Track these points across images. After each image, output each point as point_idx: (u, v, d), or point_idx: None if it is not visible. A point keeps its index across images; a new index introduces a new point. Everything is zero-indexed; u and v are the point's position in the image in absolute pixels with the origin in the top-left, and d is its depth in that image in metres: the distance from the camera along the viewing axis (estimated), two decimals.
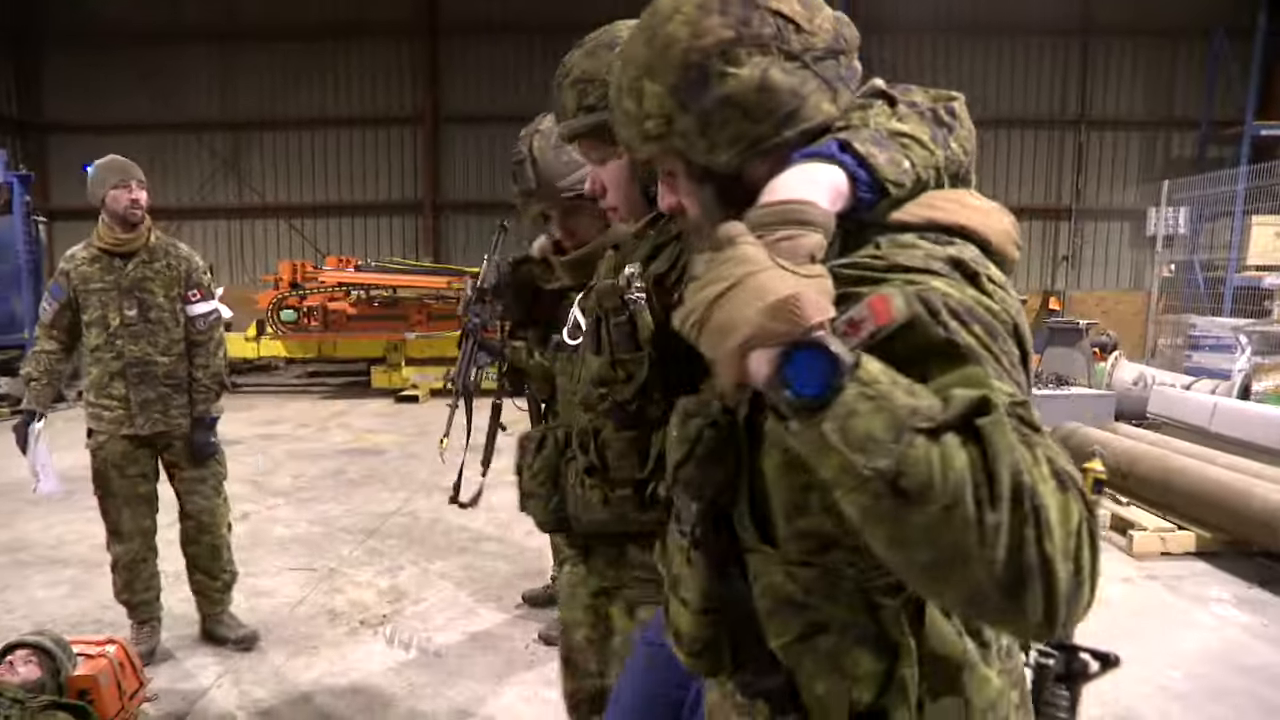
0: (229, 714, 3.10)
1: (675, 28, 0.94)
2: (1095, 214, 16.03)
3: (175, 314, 3.50)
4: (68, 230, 15.58)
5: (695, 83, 0.94)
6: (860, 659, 0.93)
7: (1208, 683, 3.31)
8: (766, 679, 0.98)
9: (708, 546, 1.00)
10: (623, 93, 0.99)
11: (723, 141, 0.95)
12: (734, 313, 0.76)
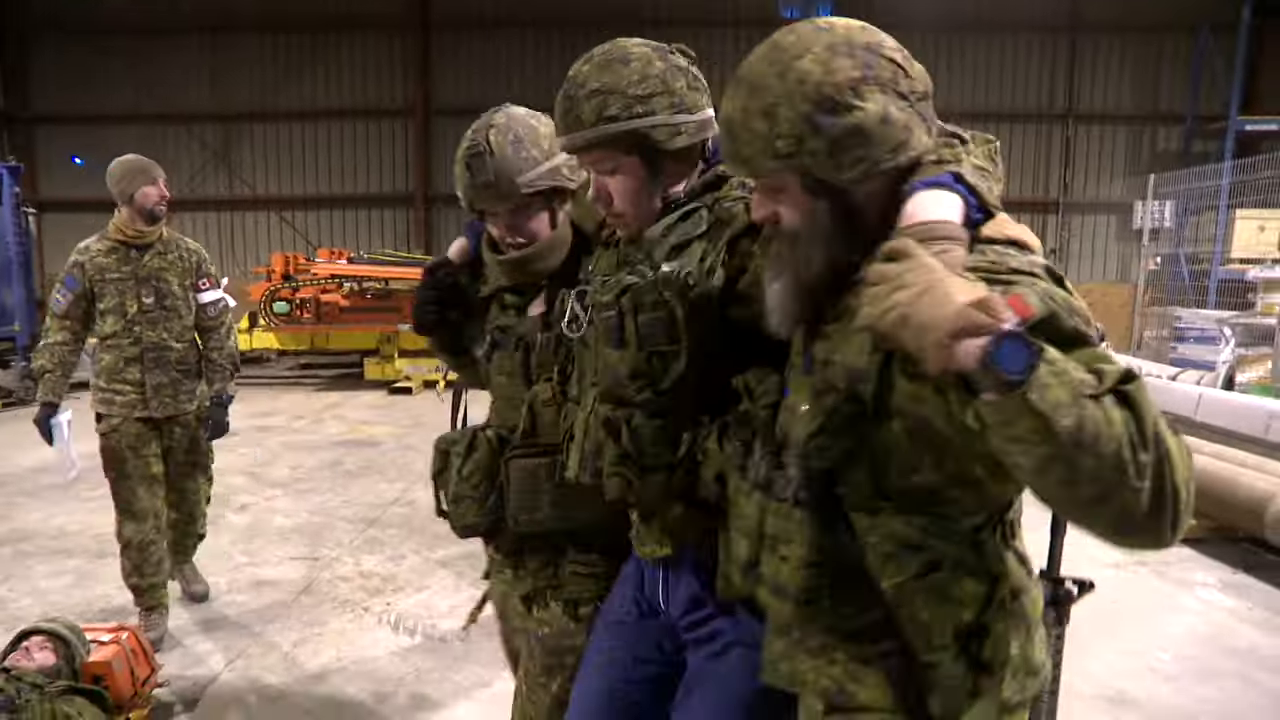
0: (240, 698, 3.15)
1: (808, 64, 1.10)
2: (1082, 207, 16.19)
3: (188, 302, 3.70)
4: (56, 222, 15.50)
5: (828, 112, 1.09)
6: (966, 586, 1.14)
7: (1196, 664, 3.41)
8: (868, 614, 1.15)
9: (818, 506, 1.18)
10: (751, 115, 1.13)
11: (847, 163, 1.11)
12: (935, 311, 0.93)
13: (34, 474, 6.57)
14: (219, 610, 3.96)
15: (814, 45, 1.12)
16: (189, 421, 3.73)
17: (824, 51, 1.11)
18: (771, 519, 1.24)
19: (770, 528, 1.24)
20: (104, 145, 16.33)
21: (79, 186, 16.25)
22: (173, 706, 3.09)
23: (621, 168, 1.47)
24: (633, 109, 1.44)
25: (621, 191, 1.49)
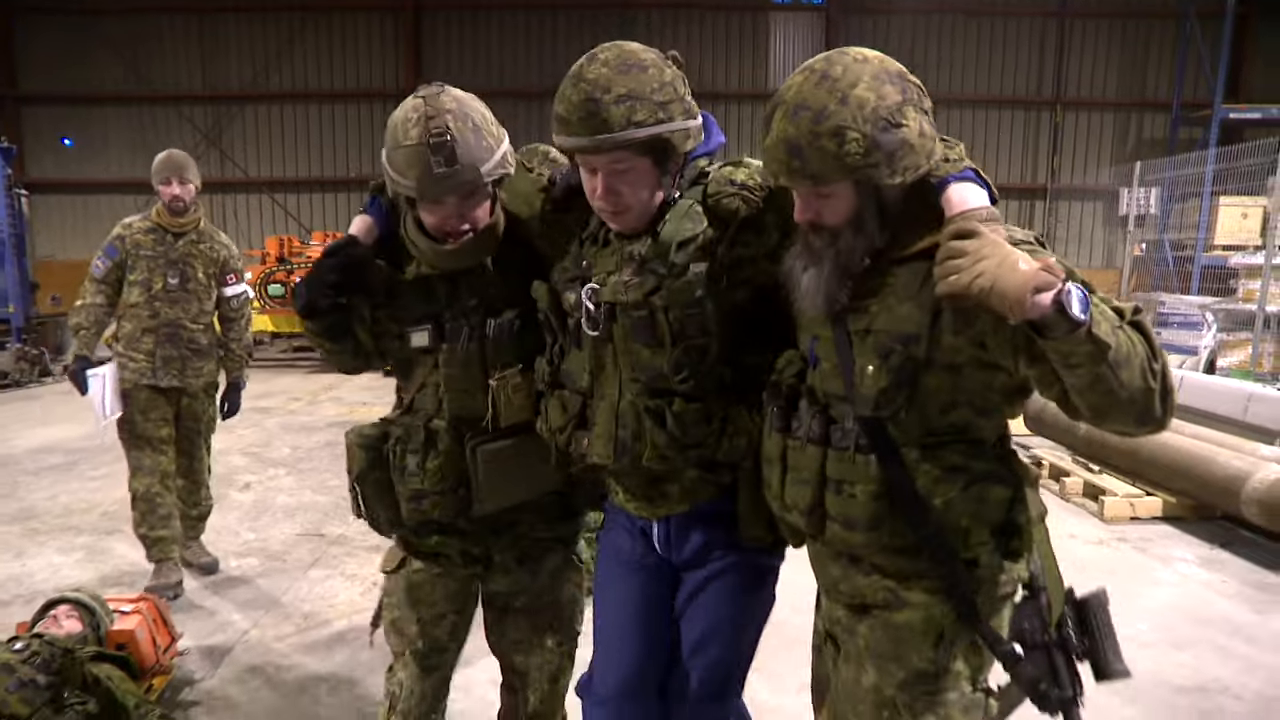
0: (257, 667, 3.26)
1: (863, 92, 1.34)
2: (1070, 194, 16.35)
3: (209, 290, 4.01)
4: (45, 203, 15.44)
5: (884, 130, 1.34)
6: (998, 493, 1.45)
7: (1172, 634, 3.57)
8: (921, 530, 1.43)
9: (878, 449, 1.44)
10: (820, 137, 1.34)
11: (900, 170, 1.37)
12: (1014, 276, 1.21)
13: (35, 454, 6.65)
14: (233, 584, 4.08)
15: (863, 75, 1.35)
16: (196, 393, 4.01)
17: (872, 80, 1.35)
18: (834, 465, 1.48)
19: (833, 473, 1.48)
20: (93, 126, 16.32)
21: (68, 168, 16.20)
22: (193, 674, 3.20)
23: (635, 168, 1.56)
24: (656, 115, 1.53)
25: (633, 191, 1.58)
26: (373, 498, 1.89)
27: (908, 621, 1.48)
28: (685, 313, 1.58)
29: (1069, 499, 5.49)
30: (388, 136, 1.71)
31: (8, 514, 5.15)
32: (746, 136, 15.16)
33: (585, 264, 1.69)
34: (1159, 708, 2.98)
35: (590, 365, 1.69)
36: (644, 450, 1.63)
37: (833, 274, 1.45)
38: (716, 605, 1.74)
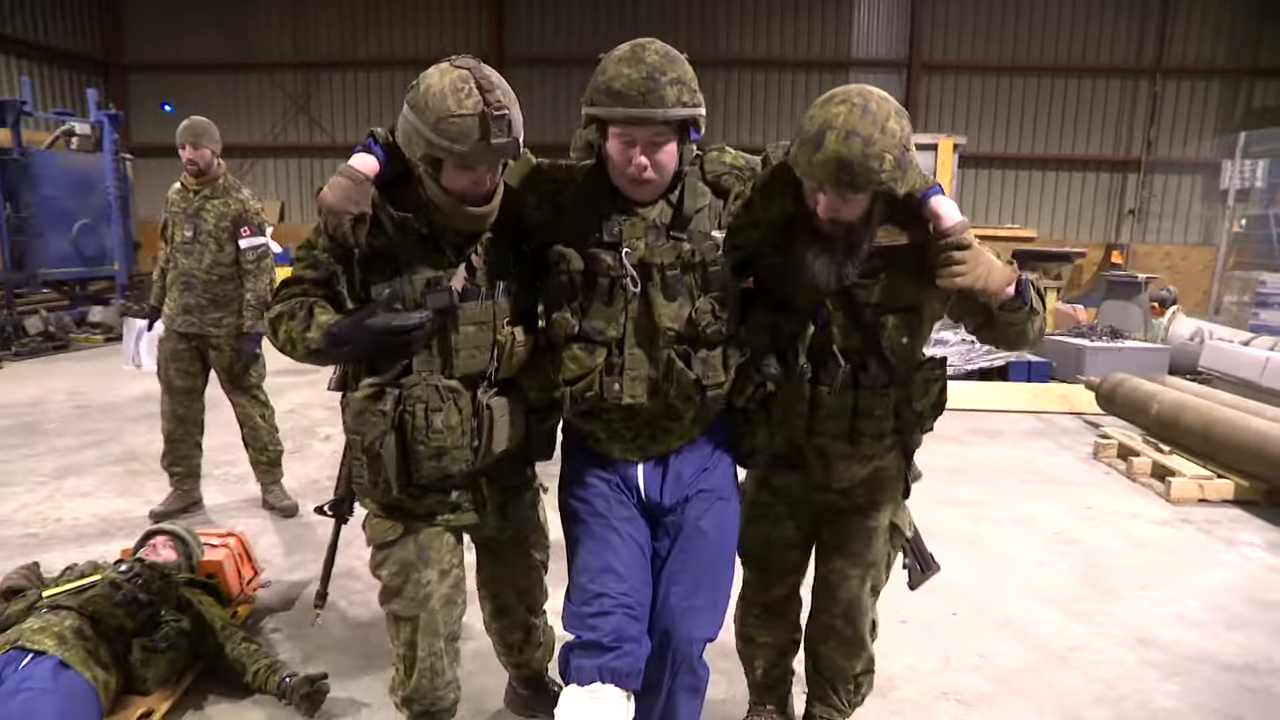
0: (330, 603, 3.50)
1: (894, 124, 1.75)
2: (1167, 166, 15.60)
3: (220, 242, 4.22)
4: (147, 167, 16.24)
5: (904, 154, 1.77)
6: (936, 386, 2.13)
7: (1226, 614, 3.53)
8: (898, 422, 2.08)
9: (896, 382, 2.05)
10: (870, 159, 1.72)
11: (906, 181, 1.83)
12: (998, 275, 1.86)
13: (137, 402, 7.10)
14: (310, 527, 4.35)
15: (891, 111, 1.76)
16: (220, 344, 4.30)
17: (896, 115, 1.76)
18: (864, 400, 2.03)
19: (863, 405, 2.03)
20: (190, 92, 17.05)
21: (168, 133, 16.97)
22: (271, 605, 3.47)
23: (669, 143, 1.83)
24: (695, 99, 1.81)
25: (665, 162, 1.85)
26: (386, 461, 1.93)
27: (889, 472, 2.19)
28: (708, 270, 1.92)
29: (1136, 479, 5.39)
30: (431, 103, 1.76)
31: (112, 455, 5.57)
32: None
33: (617, 230, 1.90)
34: (1201, 683, 2.98)
35: (623, 318, 1.91)
36: (672, 389, 1.93)
37: (844, 257, 1.90)
38: (703, 541, 2.01)
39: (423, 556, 2.06)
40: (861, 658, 2.37)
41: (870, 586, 2.28)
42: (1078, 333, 8.71)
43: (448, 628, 2.15)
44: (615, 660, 1.88)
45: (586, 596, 1.94)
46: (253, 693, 2.77)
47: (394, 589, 2.08)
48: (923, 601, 3.48)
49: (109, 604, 2.63)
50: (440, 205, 1.88)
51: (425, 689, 2.14)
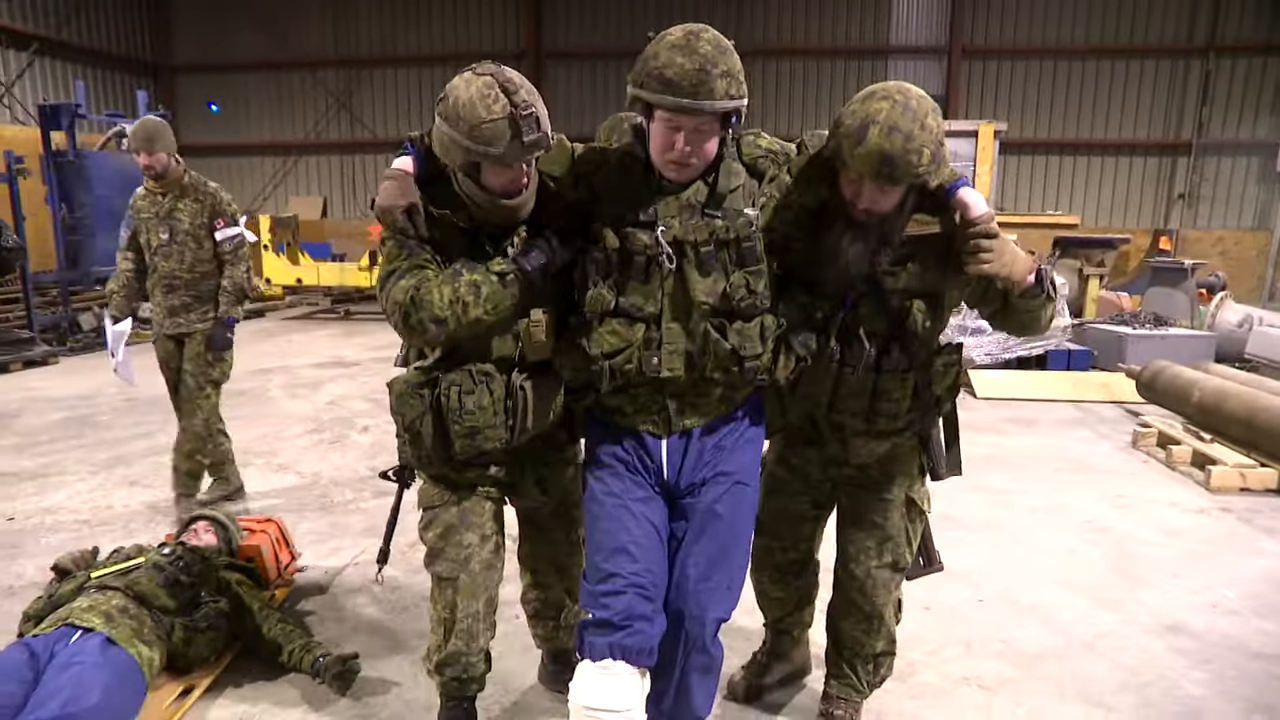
0: (364, 586, 3.62)
1: (931, 120, 1.84)
2: (1219, 148, 15.19)
3: (199, 240, 4.23)
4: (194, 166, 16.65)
5: (939, 148, 1.86)
6: (953, 371, 2.22)
7: (1260, 602, 3.46)
8: (921, 405, 2.19)
9: (916, 367, 2.15)
10: (910, 153, 1.82)
11: (938, 175, 1.97)
12: (1021, 264, 1.97)
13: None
14: (348, 513, 4.48)
15: (928, 109, 1.85)
16: (196, 334, 4.30)
17: (933, 113, 1.86)
18: (884, 382, 2.13)
19: (882, 387, 2.14)
20: (235, 92, 17.46)
21: (215, 132, 17.40)
22: (308, 589, 3.58)
23: (712, 131, 1.87)
24: (741, 90, 1.85)
25: (707, 150, 1.89)
26: (425, 438, 2.11)
27: (904, 451, 2.28)
28: (743, 246, 1.96)
29: (1175, 468, 5.29)
30: (462, 113, 1.86)
31: (159, 446, 5.75)
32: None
33: (652, 210, 1.95)
34: (1229, 672, 2.93)
35: (659, 294, 1.97)
36: (709, 362, 1.98)
37: (877, 245, 2.01)
38: (719, 525, 2.06)
39: (464, 520, 2.22)
40: (881, 635, 2.41)
41: (891, 561, 2.34)
42: (1120, 320, 8.54)
43: (486, 591, 2.28)
44: (626, 638, 1.93)
45: (600, 575, 2.00)
46: (288, 671, 2.87)
47: (437, 550, 2.25)
48: (947, 588, 3.49)
49: (153, 585, 2.76)
50: (480, 202, 1.99)
51: (460, 652, 2.26)
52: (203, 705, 2.69)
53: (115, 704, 2.38)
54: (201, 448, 4.46)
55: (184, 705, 2.66)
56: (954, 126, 12.05)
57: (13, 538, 4.10)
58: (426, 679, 2.85)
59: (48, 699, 2.24)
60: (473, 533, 2.23)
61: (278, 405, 7.02)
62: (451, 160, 1.95)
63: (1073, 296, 9.37)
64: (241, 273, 4.33)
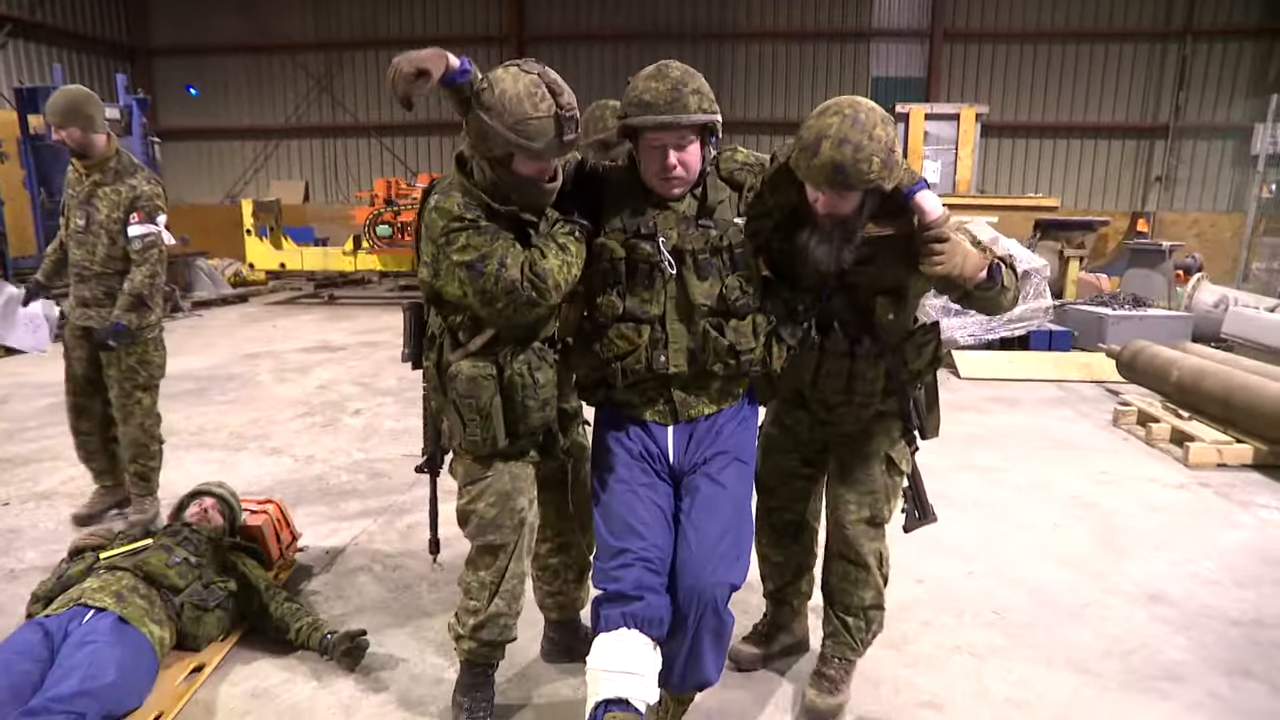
0: (365, 566, 3.66)
1: (880, 131, 2.01)
2: (1196, 131, 15.37)
3: (113, 235, 3.76)
4: (173, 150, 16.47)
5: (889, 155, 2.03)
6: (929, 347, 2.43)
7: (1239, 573, 3.58)
8: (899, 381, 2.39)
9: (885, 354, 2.35)
10: (859, 161, 1.99)
11: (892, 178, 2.08)
12: (972, 262, 2.14)
13: (171, 381, 7.16)
14: (345, 496, 4.51)
15: (877, 120, 2.02)
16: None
17: (883, 123, 2.03)
18: (859, 366, 2.36)
19: (857, 370, 2.36)
20: (214, 75, 17.25)
21: (194, 116, 17.19)
22: (310, 568, 3.62)
23: (693, 144, 2.10)
24: (713, 106, 2.10)
25: (691, 162, 2.12)
26: (495, 418, 2.24)
27: (886, 415, 2.46)
28: (735, 252, 2.19)
29: (1154, 445, 5.42)
30: (508, 106, 2.01)
31: None
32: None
33: (652, 223, 2.17)
34: (1209, 638, 3.05)
35: (662, 298, 2.18)
36: (709, 357, 2.19)
37: (840, 244, 2.18)
38: (721, 500, 2.20)
39: (516, 486, 2.35)
40: (867, 588, 2.55)
41: (869, 515, 2.50)
42: (1100, 301, 8.68)
43: (530, 552, 2.47)
44: (638, 608, 2.05)
45: (611, 553, 2.14)
46: (296, 649, 2.92)
47: (490, 519, 2.34)
48: (939, 562, 3.58)
49: (162, 565, 2.79)
50: (517, 187, 2.12)
51: (501, 613, 2.40)
52: (214, 682, 2.74)
53: (130, 681, 2.42)
54: (144, 453, 4.04)
55: (195, 683, 2.70)
56: (936, 110, 12.14)
57: (10, 522, 4.11)
58: (433, 654, 2.93)
59: (65, 676, 2.28)
60: (523, 497, 2.37)
61: (267, 390, 7.02)
62: (488, 149, 2.07)
63: (1053, 278, 9.50)
64: (143, 277, 3.76)
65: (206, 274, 12.66)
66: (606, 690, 2.02)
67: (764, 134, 16.52)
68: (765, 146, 13.25)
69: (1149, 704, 2.66)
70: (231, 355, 8.41)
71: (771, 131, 16.44)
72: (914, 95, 15.41)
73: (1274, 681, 2.78)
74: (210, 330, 10.23)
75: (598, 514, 2.26)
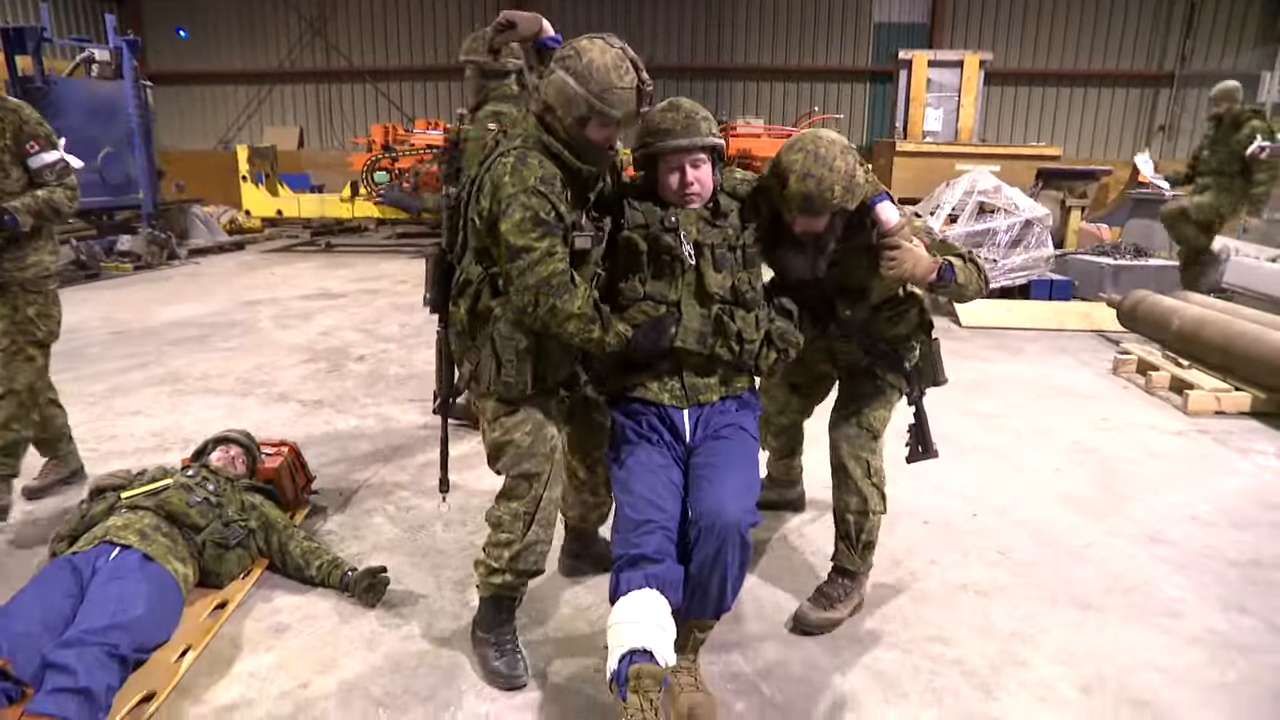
0: (378, 507, 3.71)
1: (840, 162, 2.35)
2: (1202, 79, 15.16)
3: (4, 166, 3.40)
4: (165, 94, 16.18)
5: (851, 180, 2.37)
6: (913, 313, 2.78)
7: (1236, 515, 3.66)
8: (879, 346, 2.77)
9: (856, 336, 2.74)
10: (824, 190, 2.34)
11: (855, 200, 2.42)
12: (922, 267, 2.48)
13: (173, 327, 7.31)
14: (356, 440, 4.55)
15: (836, 153, 2.36)
16: (13, 285, 3.48)
17: (842, 154, 2.37)
18: (833, 344, 2.80)
19: (834, 346, 2.81)
20: (205, 18, 16.88)
21: (184, 60, 16.87)
22: (325, 510, 3.67)
23: (705, 163, 2.42)
24: (718, 131, 2.45)
25: (705, 178, 2.43)
26: (527, 362, 2.35)
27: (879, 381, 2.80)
28: (747, 251, 2.49)
29: (1154, 393, 5.48)
30: (596, 75, 2.17)
31: (156, 377, 5.78)
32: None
33: (674, 219, 2.42)
34: (1207, 577, 3.13)
35: (680, 285, 2.43)
36: (717, 342, 2.44)
37: (814, 256, 2.53)
38: (733, 450, 2.43)
39: (549, 416, 2.48)
40: (852, 494, 2.75)
41: (856, 421, 2.77)
42: (1100, 251, 8.68)
43: (560, 479, 2.61)
44: (660, 570, 2.18)
45: (633, 525, 2.27)
46: (317, 586, 2.98)
47: (526, 448, 2.43)
48: (943, 504, 3.65)
49: (183, 504, 2.83)
50: (583, 149, 2.28)
51: (538, 540, 2.50)
52: (237, 618, 2.80)
53: (158, 615, 2.48)
54: (21, 417, 3.56)
55: (220, 618, 2.76)
56: (939, 57, 11.99)
57: (25, 467, 4.14)
58: (451, 591, 3.00)
59: (95, 610, 2.33)
60: (554, 426, 2.49)
61: (269, 336, 7.02)
62: (569, 111, 2.22)
63: (1055, 228, 9.48)
64: (63, 196, 3.49)
65: (202, 221, 12.53)
66: (631, 639, 2.07)
67: (764, 81, 16.31)
68: (766, 94, 13.16)
69: (1150, 638, 2.74)
70: (231, 302, 8.38)
71: (772, 79, 16.22)
72: (917, 41, 15.20)
73: (1269, 618, 2.87)
74: (208, 277, 10.19)
75: (619, 493, 2.39)
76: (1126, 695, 2.45)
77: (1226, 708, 2.41)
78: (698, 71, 16.36)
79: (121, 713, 2.25)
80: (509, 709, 2.39)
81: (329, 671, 2.53)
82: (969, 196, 8.05)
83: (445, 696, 2.43)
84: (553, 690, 2.48)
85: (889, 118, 12.69)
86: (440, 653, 2.64)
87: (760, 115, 15.21)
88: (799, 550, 3.33)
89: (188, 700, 2.39)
